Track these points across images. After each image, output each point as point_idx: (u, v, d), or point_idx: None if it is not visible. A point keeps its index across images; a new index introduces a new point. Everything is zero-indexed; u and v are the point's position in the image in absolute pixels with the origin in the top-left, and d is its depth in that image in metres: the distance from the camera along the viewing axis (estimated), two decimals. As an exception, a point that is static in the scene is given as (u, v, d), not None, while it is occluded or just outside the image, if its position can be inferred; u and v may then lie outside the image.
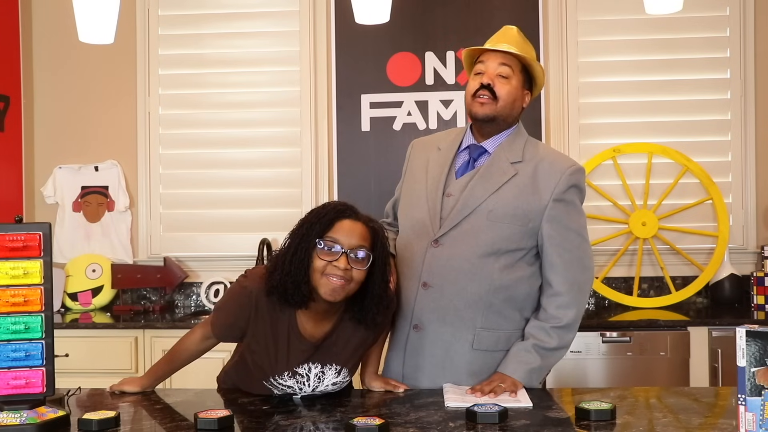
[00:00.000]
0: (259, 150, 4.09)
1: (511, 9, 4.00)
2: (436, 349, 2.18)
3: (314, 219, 1.94)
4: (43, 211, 4.17)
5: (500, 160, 2.20)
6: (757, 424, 1.55)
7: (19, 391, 1.78)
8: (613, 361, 3.33)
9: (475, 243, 2.14)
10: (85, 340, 3.49)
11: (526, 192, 2.15)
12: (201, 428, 1.73)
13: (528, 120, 3.97)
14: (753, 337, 1.54)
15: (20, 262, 1.79)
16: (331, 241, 1.91)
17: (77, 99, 4.19)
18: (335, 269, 1.89)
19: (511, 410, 1.85)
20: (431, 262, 2.16)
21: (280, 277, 1.92)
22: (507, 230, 2.13)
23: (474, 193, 2.17)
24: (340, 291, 1.90)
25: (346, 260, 1.90)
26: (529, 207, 2.14)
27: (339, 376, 2.03)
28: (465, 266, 2.14)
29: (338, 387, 2.06)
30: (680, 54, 3.95)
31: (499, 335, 2.17)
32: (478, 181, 2.19)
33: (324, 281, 1.90)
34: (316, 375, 2.01)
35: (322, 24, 4.07)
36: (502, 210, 2.14)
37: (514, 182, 2.16)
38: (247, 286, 1.99)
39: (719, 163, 3.93)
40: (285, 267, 1.92)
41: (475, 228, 2.14)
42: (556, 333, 2.13)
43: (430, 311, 2.16)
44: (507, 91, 2.19)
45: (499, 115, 2.20)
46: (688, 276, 3.91)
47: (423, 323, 2.18)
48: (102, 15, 2.38)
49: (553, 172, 2.17)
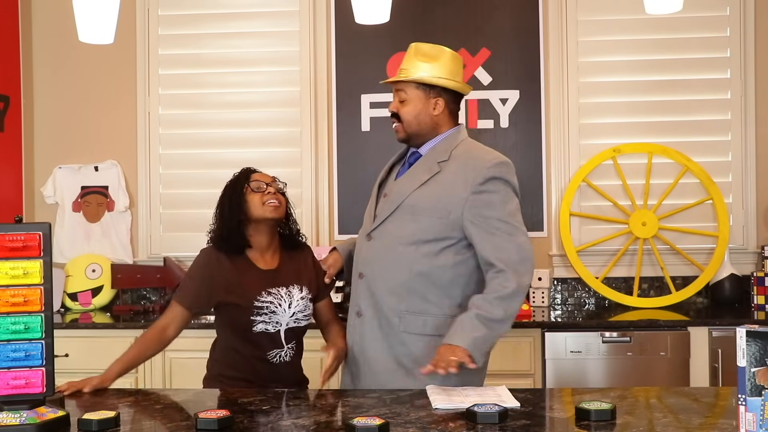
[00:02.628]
0: (259, 150, 4.09)
1: (511, 9, 4.00)
2: (375, 332, 2.36)
3: (233, 181, 2.47)
4: (43, 211, 4.17)
5: (428, 160, 2.40)
6: (757, 424, 1.55)
7: (18, 391, 1.78)
8: (613, 361, 3.33)
9: (398, 234, 2.34)
10: (84, 340, 3.49)
11: (448, 187, 2.32)
12: (201, 428, 1.73)
13: (528, 120, 3.99)
14: (753, 337, 1.54)
15: (20, 262, 1.79)
16: (256, 182, 2.44)
17: (77, 99, 4.19)
18: (270, 196, 2.41)
19: (511, 410, 1.85)
20: (365, 254, 2.41)
21: (221, 227, 2.42)
22: (427, 222, 2.31)
23: (400, 190, 2.39)
24: (280, 208, 2.42)
25: (272, 188, 2.44)
26: (450, 200, 2.30)
27: (302, 292, 2.44)
28: (389, 255, 2.34)
29: (307, 311, 2.44)
30: (680, 54, 3.95)
31: (425, 319, 2.31)
32: (406, 179, 2.41)
33: (266, 207, 2.40)
34: (286, 293, 2.41)
35: (322, 24, 4.07)
36: (423, 204, 2.32)
37: (438, 178, 2.34)
38: (204, 248, 2.46)
39: (719, 163, 3.93)
40: (224, 218, 2.42)
41: (399, 221, 2.35)
42: (498, 303, 2.21)
43: (366, 298, 2.38)
44: (407, 111, 2.41)
45: (410, 132, 2.42)
46: (688, 276, 3.91)
47: (362, 310, 2.39)
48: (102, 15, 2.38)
49: (475, 166, 2.32)
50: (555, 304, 3.97)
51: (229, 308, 2.38)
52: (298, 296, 2.43)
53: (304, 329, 2.48)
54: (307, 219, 4.04)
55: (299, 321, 2.43)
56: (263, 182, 2.44)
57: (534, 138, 3.99)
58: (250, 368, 2.40)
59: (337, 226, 4.05)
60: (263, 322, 2.36)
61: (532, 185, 3.97)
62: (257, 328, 2.36)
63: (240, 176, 2.48)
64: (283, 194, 2.48)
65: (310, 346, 2.55)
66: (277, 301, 2.38)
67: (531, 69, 4.01)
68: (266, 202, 2.40)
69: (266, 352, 2.39)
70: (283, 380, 2.40)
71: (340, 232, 4.04)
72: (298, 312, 2.42)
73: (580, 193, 3.95)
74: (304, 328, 2.47)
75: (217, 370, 2.44)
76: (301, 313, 2.43)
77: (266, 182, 2.45)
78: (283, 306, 2.39)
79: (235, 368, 2.41)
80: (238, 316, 2.36)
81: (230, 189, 2.46)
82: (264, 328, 2.36)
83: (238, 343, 2.40)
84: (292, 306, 2.41)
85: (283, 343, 2.40)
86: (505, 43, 4.01)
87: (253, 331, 2.36)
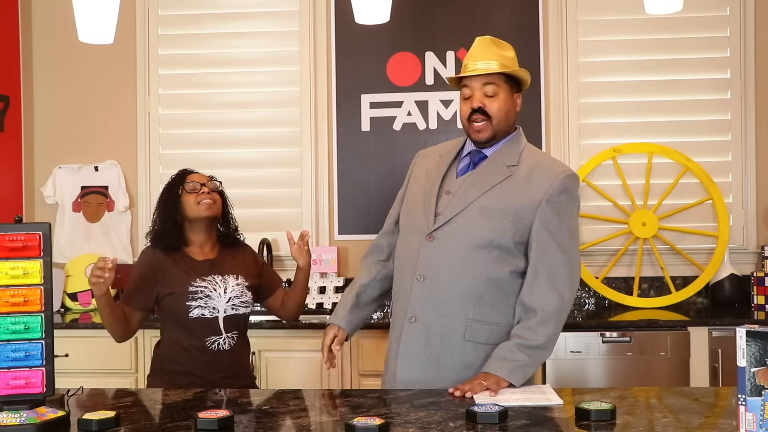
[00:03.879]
0: (259, 150, 4.10)
1: (511, 9, 4.00)
2: (431, 339, 2.22)
3: (170, 183, 2.61)
4: (43, 211, 4.17)
5: (497, 163, 2.28)
6: (757, 424, 1.55)
7: (18, 391, 1.78)
8: (613, 361, 3.33)
9: (467, 236, 2.20)
10: (84, 340, 3.49)
11: (520, 191, 2.21)
12: (201, 428, 1.73)
13: (528, 120, 3.98)
14: (753, 337, 1.54)
15: (20, 262, 1.79)
16: (191, 183, 2.57)
17: (77, 99, 4.19)
18: (204, 195, 2.54)
19: (511, 410, 1.85)
20: (426, 256, 2.23)
21: (159, 226, 2.56)
22: (499, 224, 2.19)
23: (468, 190, 2.25)
24: (213, 206, 2.55)
25: (207, 188, 2.57)
26: (522, 204, 2.20)
27: (238, 279, 2.54)
28: (457, 258, 2.20)
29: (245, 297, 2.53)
30: (680, 54, 3.95)
31: (491, 328, 2.21)
32: (474, 180, 2.26)
33: (200, 206, 2.53)
34: (222, 280, 2.52)
35: (322, 24, 4.07)
36: (494, 206, 2.20)
37: (509, 182, 2.23)
38: (144, 249, 2.61)
39: (719, 163, 3.93)
40: (162, 216, 2.56)
41: (468, 222, 2.21)
42: (540, 329, 2.15)
43: (425, 302, 2.22)
44: (497, 107, 2.26)
45: (497, 131, 2.28)
46: (688, 276, 3.91)
47: (418, 314, 2.23)
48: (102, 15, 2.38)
49: (548, 175, 2.23)
50: (555, 304, 3.96)
51: (167, 299, 2.49)
52: (233, 283, 2.53)
53: (245, 318, 2.57)
54: (307, 219, 4.04)
55: (237, 308, 2.51)
56: (198, 183, 2.57)
57: (534, 138, 3.99)
58: (190, 359, 2.48)
59: (337, 226, 4.05)
60: (199, 307, 2.46)
61: (532, 185, 3.96)
62: (193, 313, 2.46)
63: (176, 178, 2.62)
64: (220, 193, 2.61)
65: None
66: (212, 286, 2.49)
67: (531, 69, 3.95)
68: (200, 202, 2.53)
69: (204, 339, 2.47)
70: (223, 369, 2.48)
71: (340, 232, 4.04)
72: (235, 298, 2.51)
73: (580, 193, 3.94)
74: (243, 317, 2.55)
75: (159, 365, 2.55)
76: (238, 299, 2.52)
77: (201, 182, 2.58)
78: (218, 291, 2.49)
79: (177, 361, 2.50)
80: (175, 303, 2.47)
81: (167, 191, 2.60)
82: (200, 313, 2.46)
83: (178, 334, 2.50)
84: (228, 291, 2.50)
85: (221, 330, 2.49)
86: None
87: (189, 316, 2.46)
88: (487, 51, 2.28)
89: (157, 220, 2.59)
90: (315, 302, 3.77)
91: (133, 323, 2.54)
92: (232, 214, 2.69)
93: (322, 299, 3.81)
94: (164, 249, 2.55)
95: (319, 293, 3.85)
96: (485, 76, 2.26)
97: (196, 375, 2.46)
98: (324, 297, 3.82)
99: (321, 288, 3.88)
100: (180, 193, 2.56)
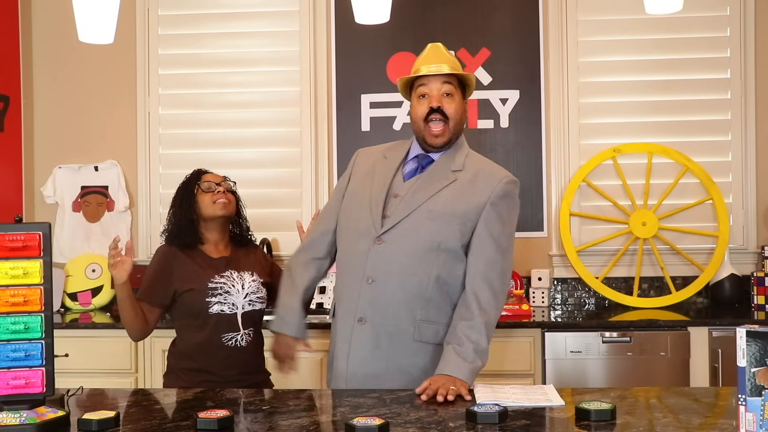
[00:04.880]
0: (259, 150, 4.10)
1: (511, 9, 4.00)
2: (381, 340, 2.26)
3: (186, 182, 2.65)
4: (43, 211, 4.17)
5: (443, 168, 2.34)
6: (757, 424, 1.55)
7: (18, 391, 1.78)
8: (613, 361, 3.33)
9: (416, 239, 2.25)
10: (84, 340, 3.49)
11: (465, 195, 2.28)
12: (201, 428, 1.73)
13: (528, 120, 3.99)
14: (753, 337, 1.54)
15: (20, 262, 1.79)
16: (206, 183, 2.60)
17: (77, 99, 4.19)
18: (219, 195, 2.57)
19: (511, 410, 1.85)
20: (375, 259, 2.26)
21: (175, 224, 2.59)
22: (446, 227, 2.25)
23: (416, 194, 2.30)
24: (228, 206, 2.59)
25: (222, 188, 2.60)
26: (468, 208, 2.27)
27: (253, 276, 2.58)
28: (407, 261, 2.25)
29: (260, 293, 2.57)
30: (680, 54, 3.95)
31: (437, 328, 2.27)
32: (421, 184, 2.32)
33: (216, 205, 2.56)
34: (238, 276, 2.55)
35: (322, 24, 4.07)
36: (441, 209, 2.26)
37: (454, 186, 2.30)
38: (159, 247, 2.62)
39: (719, 163, 3.93)
40: (177, 215, 2.59)
41: (415, 225, 2.26)
42: (486, 333, 2.21)
43: (374, 305, 2.26)
44: (455, 108, 2.32)
45: (452, 135, 2.34)
46: (688, 276, 3.91)
47: (367, 316, 2.27)
48: (102, 15, 2.38)
49: (491, 180, 2.31)
50: (555, 304, 3.97)
51: (185, 295, 2.50)
52: (249, 279, 2.56)
53: (260, 314, 2.59)
54: (307, 219, 4.03)
55: (254, 303, 2.54)
56: (213, 182, 2.61)
57: (534, 138, 3.99)
58: (206, 356, 2.49)
59: (337, 226, 4.04)
60: (219, 303, 2.48)
61: (532, 185, 3.97)
62: (213, 309, 2.48)
63: (191, 177, 2.66)
64: (233, 193, 2.65)
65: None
66: (230, 282, 2.53)
67: (531, 69, 4.01)
68: (216, 201, 2.57)
69: (221, 336, 2.48)
70: (239, 366, 2.49)
71: (340, 232, 4.03)
72: (251, 293, 2.54)
73: (580, 193, 3.95)
74: (259, 313, 2.58)
75: (176, 364, 2.55)
76: (254, 294, 2.55)
77: (216, 182, 2.62)
78: (236, 287, 2.53)
79: (193, 359, 2.50)
80: (195, 299, 2.49)
81: (182, 190, 2.64)
82: (220, 309, 2.48)
83: (195, 331, 2.50)
84: (245, 287, 2.54)
85: (239, 327, 2.51)
86: (505, 43, 4.01)
87: (209, 312, 2.47)
88: (441, 55, 2.36)
89: (173, 219, 2.62)
90: (315, 302, 3.77)
91: (151, 320, 2.54)
92: (244, 215, 2.72)
93: (321, 299, 3.81)
94: (180, 246, 2.57)
95: (319, 293, 3.85)
96: (444, 76, 2.31)
97: (211, 372, 2.47)
98: (324, 297, 3.82)
99: (321, 288, 3.88)
100: (195, 192, 2.60)
